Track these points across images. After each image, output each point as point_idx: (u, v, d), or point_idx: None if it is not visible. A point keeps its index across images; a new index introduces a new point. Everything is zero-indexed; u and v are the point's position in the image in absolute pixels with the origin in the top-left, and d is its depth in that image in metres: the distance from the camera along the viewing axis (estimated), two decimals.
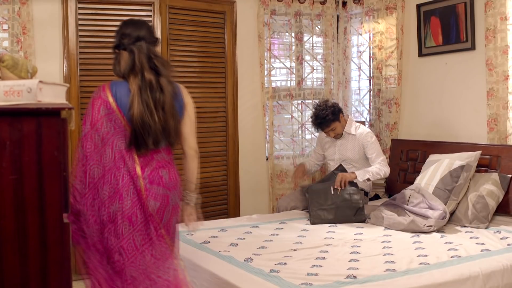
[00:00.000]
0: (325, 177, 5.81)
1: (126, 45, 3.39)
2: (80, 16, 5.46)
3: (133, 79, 3.30)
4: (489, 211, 4.97)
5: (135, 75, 3.31)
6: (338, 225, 5.17)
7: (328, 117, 5.71)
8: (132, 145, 3.26)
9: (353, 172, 5.57)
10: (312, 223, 5.22)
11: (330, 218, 5.24)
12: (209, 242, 4.53)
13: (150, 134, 3.25)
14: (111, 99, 3.28)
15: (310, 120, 5.97)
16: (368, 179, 5.62)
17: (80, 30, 5.46)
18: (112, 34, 5.46)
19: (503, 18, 5.34)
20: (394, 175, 6.27)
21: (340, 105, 6.44)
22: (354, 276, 3.57)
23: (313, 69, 7.03)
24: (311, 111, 6.97)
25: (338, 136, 5.87)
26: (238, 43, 6.27)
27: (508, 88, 5.37)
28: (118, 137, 3.27)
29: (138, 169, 3.26)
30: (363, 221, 5.25)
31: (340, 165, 5.76)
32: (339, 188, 5.38)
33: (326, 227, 5.11)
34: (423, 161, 5.77)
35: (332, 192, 5.37)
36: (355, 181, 5.51)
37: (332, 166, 5.95)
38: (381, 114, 6.77)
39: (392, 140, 6.51)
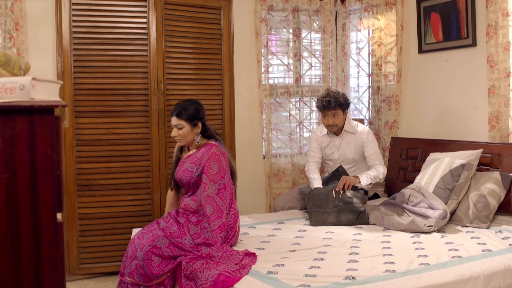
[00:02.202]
0: (323, 179, 5.78)
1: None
2: (74, 12, 5.44)
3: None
4: (490, 211, 4.97)
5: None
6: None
7: (339, 100, 5.66)
8: None
9: (356, 177, 5.58)
10: (313, 225, 5.20)
11: (333, 222, 5.21)
12: None
13: None
14: None
15: (317, 100, 5.83)
16: (370, 183, 5.64)
17: (74, 26, 5.44)
18: (107, 30, 5.52)
19: (505, 14, 5.34)
20: (393, 174, 6.28)
21: None
22: (353, 277, 3.57)
23: (311, 66, 7.03)
24: (309, 109, 6.98)
25: (334, 128, 5.79)
26: (235, 39, 6.26)
27: (510, 85, 5.38)
28: None
29: None
30: (366, 224, 5.24)
31: (340, 166, 5.74)
32: (341, 191, 5.36)
33: (324, 227, 5.11)
34: (423, 160, 5.78)
35: (334, 195, 5.35)
36: (357, 185, 5.51)
37: (331, 166, 5.94)
38: (381, 112, 6.78)
39: (392, 138, 6.52)
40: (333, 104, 5.65)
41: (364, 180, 5.56)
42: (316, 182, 5.70)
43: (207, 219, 4.25)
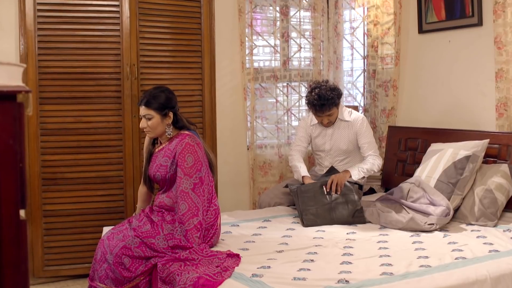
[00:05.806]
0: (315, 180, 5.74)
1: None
2: None
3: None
4: (498, 207, 4.99)
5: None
6: None
7: (333, 100, 5.59)
8: None
9: (346, 171, 5.56)
10: (306, 226, 5.17)
11: (326, 220, 5.19)
12: None
13: None
14: None
15: (307, 98, 5.72)
16: (363, 177, 5.63)
17: (39, 4, 5.40)
18: (75, 7, 5.49)
19: None
20: (391, 166, 6.29)
21: None
22: (346, 281, 3.58)
23: (300, 48, 7.03)
24: (298, 95, 6.98)
25: (330, 124, 5.83)
26: (216, 18, 6.23)
27: None
28: None
29: None
30: (363, 223, 5.23)
31: (332, 167, 5.72)
32: (333, 193, 5.33)
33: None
34: (424, 151, 5.79)
35: (325, 193, 5.33)
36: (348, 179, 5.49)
37: (322, 157, 5.93)
38: (377, 98, 6.78)
39: (389, 127, 6.52)
40: (329, 107, 5.62)
41: (356, 174, 5.53)
42: (303, 170, 5.72)
43: (179, 219, 4.23)
